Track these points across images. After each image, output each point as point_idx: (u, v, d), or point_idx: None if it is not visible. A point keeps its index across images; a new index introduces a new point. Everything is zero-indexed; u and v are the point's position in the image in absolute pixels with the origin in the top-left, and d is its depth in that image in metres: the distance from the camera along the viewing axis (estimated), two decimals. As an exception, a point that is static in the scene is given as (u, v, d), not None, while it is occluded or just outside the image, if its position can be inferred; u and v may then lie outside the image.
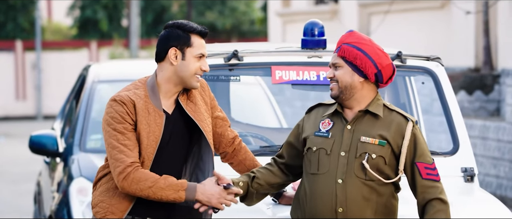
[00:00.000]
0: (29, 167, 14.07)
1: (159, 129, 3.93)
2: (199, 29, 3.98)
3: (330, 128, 3.96)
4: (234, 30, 28.78)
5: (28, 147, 6.98)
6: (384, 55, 3.97)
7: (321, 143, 3.95)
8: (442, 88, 4.99)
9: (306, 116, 4.10)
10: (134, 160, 3.86)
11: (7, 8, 26.43)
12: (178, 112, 4.02)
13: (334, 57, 3.99)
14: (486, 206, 4.50)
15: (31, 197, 11.07)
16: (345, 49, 3.94)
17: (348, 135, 3.93)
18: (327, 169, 3.91)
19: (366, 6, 14.16)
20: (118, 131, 3.88)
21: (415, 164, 3.94)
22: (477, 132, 10.41)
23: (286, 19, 16.53)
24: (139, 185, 3.84)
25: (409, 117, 3.97)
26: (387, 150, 3.92)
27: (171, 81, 3.97)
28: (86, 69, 7.77)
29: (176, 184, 3.85)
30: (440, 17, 12.45)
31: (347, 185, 3.88)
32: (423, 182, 3.94)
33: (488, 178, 10.33)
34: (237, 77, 5.07)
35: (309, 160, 3.97)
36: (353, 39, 3.97)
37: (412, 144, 3.94)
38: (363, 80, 3.94)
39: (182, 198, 3.85)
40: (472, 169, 4.82)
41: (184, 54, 3.94)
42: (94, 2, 27.04)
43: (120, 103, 3.90)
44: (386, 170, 3.93)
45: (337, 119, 3.98)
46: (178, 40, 3.94)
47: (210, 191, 3.87)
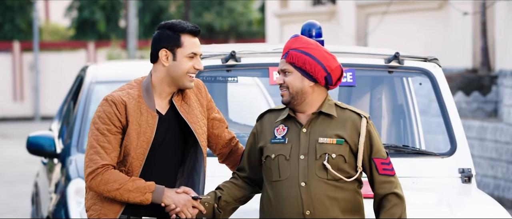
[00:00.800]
0: (26, 168, 14.06)
1: (151, 130, 3.92)
2: (189, 28, 3.96)
3: (285, 133, 3.96)
4: (232, 31, 28.79)
5: (26, 148, 6.98)
6: (332, 57, 4.00)
7: (279, 150, 3.95)
8: (439, 89, 4.99)
9: (258, 124, 4.08)
10: (107, 163, 3.87)
11: (4, 9, 26.42)
12: (173, 113, 4.01)
13: (282, 63, 3.98)
14: (484, 207, 4.50)
15: (28, 198, 11.07)
16: (293, 54, 3.95)
17: (305, 138, 3.94)
18: (289, 174, 3.91)
19: (364, 7, 14.17)
20: (100, 132, 3.88)
21: (372, 160, 3.96)
22: (474, 133, 10.42)
23: (284, 20, 16.54)
24: (107, 186, 3.86)
25: (362, 114, 3.99)
26: (345, 148, 3.94)
27: (164, 81, 3.97)
28: (83, 70, 7.77)
29: (144, 186, 3.85)
30: (438, 18, 12.46)
31: (310, 187, 3.89)
32: (379, 178, 3.96)
33: (486, 179, 10.33)
34: (234, 78, 5.08)
35: (269, 168, 3.96)
36: (300, 44, 3.97)
37: (368, 140, 3.96)
38: (313, 84, 3.95)
39: (149, 200, 3.85)
40: (470, 170, 4.82)
41: (175, 54, 3.94)
42: (91, 3, 27.03)
43: (110, 103, 3.91)
44: (346, 168, 3.95)
45: (291, 123, 3.98)
46: (168, 41, 3.94)
47: (177, 197, 3.88)
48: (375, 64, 5.06)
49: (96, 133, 3.89)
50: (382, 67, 5.05)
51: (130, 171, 3.93)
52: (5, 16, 26.45)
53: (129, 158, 3.91)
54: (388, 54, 5.06)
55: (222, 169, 4.34)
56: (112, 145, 3.88)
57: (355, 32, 14.24)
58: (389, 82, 5.52)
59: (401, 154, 4.89)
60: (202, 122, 4.05)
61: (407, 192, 4.65)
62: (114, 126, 3.89)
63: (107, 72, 7.67)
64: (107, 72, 7.71)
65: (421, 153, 4.95)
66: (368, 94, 5.57)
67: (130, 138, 3.90)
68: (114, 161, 3.89)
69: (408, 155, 4.89)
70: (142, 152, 3.91)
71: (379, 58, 5.05)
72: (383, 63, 5.04)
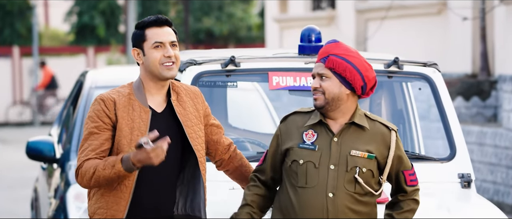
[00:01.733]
0: (26, 173, 14.05)
1: (145, 124, 3.93)
2: (151, 20, 4.02)
3: (315, 139, 3.93)
4: (231, 36, 28.79)
5: (25, 153, 6.97)
6: (370, 67, 3.98)
7: (308, 156, 3.91)
8: (439, 94, 4.99)
9: (282, 125, 4.03)
10: (89, 157, 3.92)
11: (4, 14, 26.42)
12: (170, 114, 4.01)
13: (319, 67, 3.95)
14: (483, 212, 4.50)
15: (27, 203, 11.05)
16: (334, 60, 3.92)
17: (336, 148, 3.91)
18: (316, 182, 3.88)
19: (363, 12, 14.18)
20: (89, 131, 3.95)
21: (401, 172, 3.99)
22: (474, 138, 10.42)
23: (283, 25, 16.54)
24: (86, 175, 3.89)
25: (391, 127, 3.99)
26: (374, 163, 3.94)
27: (147, 77, 4.02)
28: (83, 75, 7.77)
29: (112, 160, 3.87)
30: (437, 23, 12.46)
31: (337, 199, 3.87)
32: (407, 189, 4.02)
33: (485, 184, 10.33)
34: (234, 83, 5.07)
35: (295, 172, 3.92)
36: (341, 51, 3.95)
37: (397, 154, 3.98)
38: (350, 92, 3.94)
39: (121, 170, 3.84)
40: (469, 175, 4.82)
41: (143, 50, 4.01)
42: (91, 8, 27.04)
43: (98, 101, 3.97)
44: (372, 183, 3.96)
45: (321, 130, 3.94)
46: (136, 40, 4.03)
47: (141, 153, 3.81)
48: (375, 69, 5.04)
49: (86, 132, 3.96)
50: (382, 72, 5.05)
51: None
52: (5, 21, 26.45)
53: (124, 153, 3.90)
54: (387, 59, 5.06)
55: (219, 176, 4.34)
56: (99, 142, 3.93)
57: (354, 37, 14.25)
58: (388, 87, 5.52)
59: (401, 159, 4.87)
60: (197, 127, 4.03)
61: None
62: (102, 123, 3.93)
63: (107, 77, 7.67)
64: (107, 77, 7.71)
65: (420, 158, 4.95)
66: (367, 99, 5.57)
67: (122, 132, 3.92)
68: (99, 155, 3.92)
69: (407, 160, 4.88)
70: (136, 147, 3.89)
71: (378, 63, 5.05)
72: (383, 68, 5.04)
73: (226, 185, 4.53)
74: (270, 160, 4.03)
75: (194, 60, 4.96)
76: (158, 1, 28.25)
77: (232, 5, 28.80)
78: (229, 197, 4.45)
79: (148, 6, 27.96)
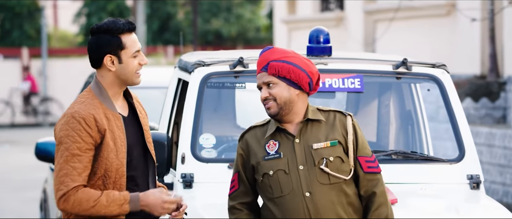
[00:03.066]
0: (35, 175, 14.08)
1: (122, 132, 3.85)
2: (127, 27, 3.86)
3: (278, 147, 3.92)
4: (240, 37, 28.81)
5: (34, 155, 6.99)
6: (310, 62, 3.99)
7: (276, 165, 3.89)
8: (447, 95, 4.98)
9: (242, 143, 4.00)
10: (79, 184, 3.77)
11: (13, 15, 26.50)
12: (133, 117, 3.94)
13: (264, 76, 3.92)
14: (492, 213, 4.49)
15: (37, 204, 11.08)
16: (275, 65, 3.91)
17: (300, 148, 3.90)
18: (291, 187, 3.87)
19: (372, 13, 14.17)
20: (70, 152, 3.76)
21: (357, 158, 3.93)
22: (483, 140, 10.40)
23: (292, 26, 16.55)
24: (81, 206, 3.76)
25: (346, 112, 3.98)
26: (340, 149, 3.91)
27: (115, 84, 3.88)
28: (92, 76, 7.78)
29: (119, 198, 3.77)
30: (446, 24, 12.45)
31: (315, 196, 3.86)
32: (365, 176, 3.92)
33: (494, 186, 10.31)
34: (242, 84, 5.08)
35: (269, 185, 3.89)
36: (279, 55, 3.93)
37: (355, 138, 3.94)
38: (299, 92, 3.93)
39: (127, 211, 3.77)
40: (478, 176, 4.81)
41: (119, 57, 3.85)
42: (100, 9, 27.09)
43: (78, 120, 3.78)
44: (345, 168, 3.91)
45: (281, 136, 3.93)
46: (110, 46, 3.83)
47: (153, 201, 3.78)
48: (383, 70, 5.05)
49: (66, 153, 3.76)
50: (390, 73, 5.04)
51: (118, 179, 3.84)
52: (14, 22, 26.52)
53: (113, 168, 3.82)
54: (396, 60, 5.06)
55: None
56: (83, 164, 3.78)
57: (363, 38, 14.24)
58: (397, 88, 5.52)
59: (409, 160, 4.88)
60: (149, 131, 3.98)
61: (416, 198, 4.65)
62: (85, 143, 3.77)
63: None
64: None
65: (429, 160, 4.94)
66: (376, 100, 5.57)
67: (109, 147, 3.80)
68: (86, 180, 3.79)
69: (416, 161, 4.88)
70: (123, 156, 3.84)
71: (387, 64, 5.05)
72: (391, 69, 5.03)
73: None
74: (245, 181, 3.98)
75: (202, 61, 4.96)
76: (166, 2, 28.28)
77: (240, 7, 28.82)
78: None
79: (156, 8, 28.00)
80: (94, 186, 3.84)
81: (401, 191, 4.57)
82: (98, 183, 3.83)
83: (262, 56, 3.96)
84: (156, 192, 3.82)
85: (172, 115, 5.48)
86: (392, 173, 4.70)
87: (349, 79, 4.94)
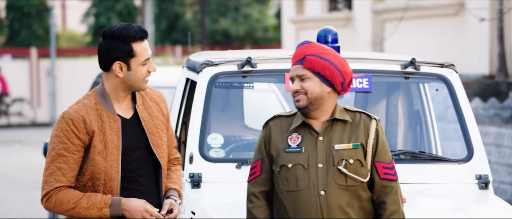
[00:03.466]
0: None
1: (117, 134, 3.83)
2: (139, 36, 3.84)
3: (300, 141, 3.91)
4: (248, 37, 28.81)
5: (42, 154, 7.00)
6: (346, 63, 3.97)
7: (295, 159, 3.89)
8: (456, 95, 4.97)
9: (265, 130, 4.00)
10: (61, 185, 3.77)
11: (22, 15, 26.55)
12: (137, 119, 3.91)
13: (298, 69, 3.91)
14: (501, 213, 4.48)
15: (45, 204, 11.08)
16: (312, 60, 3.90)
17: (322, 146, 3.89)
18: (307, 183, 3.86)
19: (380, 13, 14.15)
20: (56, 151, 3.77)
21: (374, 163, 3.92)
22: (491, 139, 10.37)
23: (300, 26, 16.54)
24: (62, 206, 3.78)
25: (372, 116, 3.97)
26: (361, 152, 3.91)
27: (119, 88, 3.87)
28: (100, 76, 7.79)
29: (99, 202, 3.76)
30: (454, 24, 12.42)
31: (330, 196, 3.85)
32: (381, 182, 3.92)
33: (503, 186, 10.28)
34: (250, 84, 5.07)
35: (285, 178, 3.89)
36: (317, 50, 3.93)
37: (375, 142, 3.93)
38: (330, 90, 3.92)
39: (107, 215, 3.77)
40: (487, 176, 4.79)
41: (129, 65, 3.82)
42: (108, 9, 27.12)
43: (66, 121, 3.79)
44: (363, 172, 3.91)
45: (305, 131, 3.92)
46: (120, 53, 3.81)
47: (134, 207, 3.78)
48: (392, 70, 5.04)
49: (53, 153, 3.78)
50: (399, 73, 5.03)
51: (108, 182, 3.82)
52: (23, 22, 26.57)
53: (101, 170, 3.80)
54: (404, 60, 5.05)
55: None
56: (69, 165, 3.79)
57: (371, 38, 14.22)
58: (405, 88, 5.51)
59: (418, 160, 4.87)
60: (163, 132, 3.95)
61: (424, 198, 4.64)
62: (72, 144, 3.78)
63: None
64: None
65: (437, 159, 4.93)
66: (384, 100, 5.56)
67: (96, 149, 3.79)
68: (71, 181, 3.80)
69: (424, 161, 4.87)
70: (114, 159, 3.81)
71: (395, 64, 5.04)
72: (400, 69, 5.02)
73: (242, 186, 4.53)
74: (267, 168, 3.97)
75: (210, 61, 4.96)
76: (174, 2, 28.30)
77: (248, 6, 28.81)
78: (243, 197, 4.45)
79: (164, 8, 28.02)
80: (84, 187, 3.84)
81: (410, 191, 4.56)
82: (88, 184, 3.83)
83: (300, 48, 3.95)
84: (140, 200, 3.80)
85: (180, 115, 5.48)
86: (401, 173, 4.68)
87: (357, 79, 4.93)
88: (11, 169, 15.49)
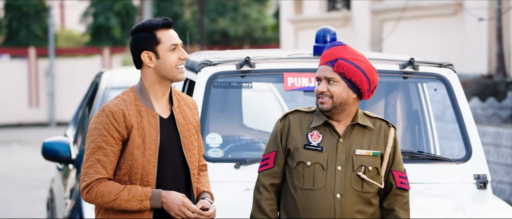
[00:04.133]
0: (42, 174, 14.10)
1: (155, 130, 3.87)
2: (161, 22, 3.89)
3: (320, 141, 3.88)
4: (246, 37, 28.80)
5: (41, 154, 7.00)
6: (375, 71, 3.96)
7: (315, 158, 3.87)
8: (454, 94, 4.98)
9: (283, 123, 3.96)
10: (101, 177, 3.81)
11: (20, 15, 26.54)
12: (173, 121, 3.94)
13: (327, 71, 3.88)
14: (499, 213, 4.48)
15: (43, 204, 11.10)
16: (344, 65, 3.87)
17: (342, 149, 3.88)
18: (324, 184, 3.85)
19: (379, 13, 14.15)
20: (96, 144, 3.81)
21: (391, 171, 3.92)
22: (490, 139, 10.37)
23: (298, 26, 16.54)
24: (103, 198, 3.81)
25: (391, 123, 3.97)
26: (379, 160, 3.91)
27: (155, 81, 3.91)
28: (98, 76, 7.79)
29: (140, 194, 3.80)
30: (453, 24, 12.43)
31: (345, 200, 3.85)
32: (395, 191, 3.93)
33: (502, 185, 10.28)
34: (249, 84, 5.07)
35: (301, 174, 3.87)
36: (350, 55, 3.90)
37: (393, 151, 3.94)
38: (355, 96, 3.90)
39: (148, 207, 3.80)
40: (485, 176, 4.80)
41: (156, 53, 3.88)
42: (106, 9, 27.12)
43: (107, 114, 3.83)
44: (379, 180, 3.93)
45: (326, 131, 3.90)
46: (146, 43, 3.88)
47: (173, 201, 3.80)
48: (390, 69, 5.05)
49: (92, 145, 3.83)
50: (397, 73, 5.04)
51: (144, 176, 3.86)
52: (21, 22, 26.56)
53: (139, 164, 3.84)
54: (403, 59, 5.06)
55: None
56: (108, 158, 3.82)
57: (369, 38, 14.23)
58: (404, 87, 5.51)
59: (416, 160, 4.87)
60: (194, 137, 3.97)
61: (422, 198, 4.64)
62: (111, 137, 3.82)
63: (122, 78, 7.69)
64: (122, 78, 7.73)
65: (436, 159, 4.94)
66: (383, 100, 5.56)
67: (134, 144, 3.83)
68: (110, 174, 3.83)
69: (423, 161, 4.88)
70: (152, 154, 3.85)
71: (394, 64, 5.04)
72: (398, 69, 5.03)
73: (241, 185, 4.53)
74: (281, 161, 3.94)
75: (209, 61, 4.96)
76: (173, 2, 28.30)
77: (247, 6, 28.82)
78: (244, 197, 4.45)
79: (163, 7, 28.01)
80: (121, 181, 3.88)
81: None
82: (125, 178, 3.87)
83: (332, 50, 3.90)
84: (179, 194, 3.83)
85: (178, 114, 5.47)
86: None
87: (355, 79, 4.92)
88: (10, 169, 15.49)
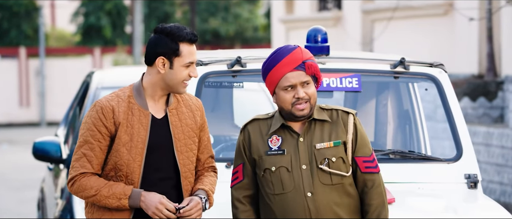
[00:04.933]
0: (32, 174, 14.07)
1: (145, 129, 3.86)
2: (189, 37, 3.86)
3: (280, 143, 3.88)
4: (238, 37, 28.81)
5: (32, 154, 6.98)
6: None
7: (279, 162, 3.86)
8: (445, 94, 4.98)
9: (243, 134, 3.96)
10: (86, 171, 3.83)
11: (10, 15, 26.48)
12: (166, 122, 3.93)
13: (301, 75, 3.86)
14: (490, 212, 4.49)
15: (34, 204, 11.07)
16: (311, 65, 3.88)
17: (303, 147, 3.87)
18: (293, 186, 3.84)
19: (370, 13, 14.17)
20: (84, 138, 3.84)
21: (354, 158, 3.90)
22: (480, 139, 10.40)
23: (290, 25, 16.55)
24: (84, 192, 3.83)
25: (349, 110, 3.95)
26: (342, 149, 3.89)
27: (157, 85, 3.90)
28: (89, 75, 7.78)
29: (120, 192, 3.80)
30: (444, 24, 12.45)
31: (317, 196, 3.84)
32: (362, 176, 3.90)
33: (492, 185, 10.31)
34: (240, 84, 5.08)
35: (270, 181, 3.87)
36: (309, 54, 3.92)
37: (354, 137, 3.91)
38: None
39: (126, 206, 3.80)
40: (476, 176, 4.81)
41: (172, 63, 3.85)
42: (97, 9, 27.07)
43: (96, 108, 3.85)
44: (347, 169, 3.90)
45: (285, 133, 3.90)
46: (166, 49, 3.84)
47: (150, 200, 3.80)
48: (381, 69, 5.05)
49: (81, 139, 3.86)
50: (388, 73, 5.04)
51: (129, 174, 3.85)
52: (11, 22, 26.50)
53: (123, 162, 3.83)
54: (394, 59, 5.06)
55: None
56: (94, 153, 3.83)
57: (360, 37, 14.24)
58: (395, 87, 5.52)
59: (407, 159, 4.88)
60: (191, 140, 3.95)
61: (413, 198, 4.65)
62: (99, 132, 3.83)
63: (113, 78, 7.67)
64: (113, 77, 7.72)
65: (426, 159, 4.94)
66: (373, 100, 5.57)
67: (121, 141, 3.83)
68: (96, 168, 3.84)
69: (413, 160, 4.88)
70: (138, 152, 3.84)
71: (385, 64, 5.05)
72: (389, 69, 5.03)
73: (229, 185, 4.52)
74: (249, 173, 3.94)
75: (200, 60, 4.96)
76: (164, 1, 28.28)
77: (238, 6, 28.82)
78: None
79: (154, 7, 27.99)
80: (107, 177, 3.89)
81: (399, 190, 4.57)
82: (111, 174, 3.88)
83: (294, 54, 3.88)
84: (159, 195, 3.82)
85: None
86: (390, 172, 4.70)
87: (347, 79, 4.94)
88: (1, 169, 15.46)
